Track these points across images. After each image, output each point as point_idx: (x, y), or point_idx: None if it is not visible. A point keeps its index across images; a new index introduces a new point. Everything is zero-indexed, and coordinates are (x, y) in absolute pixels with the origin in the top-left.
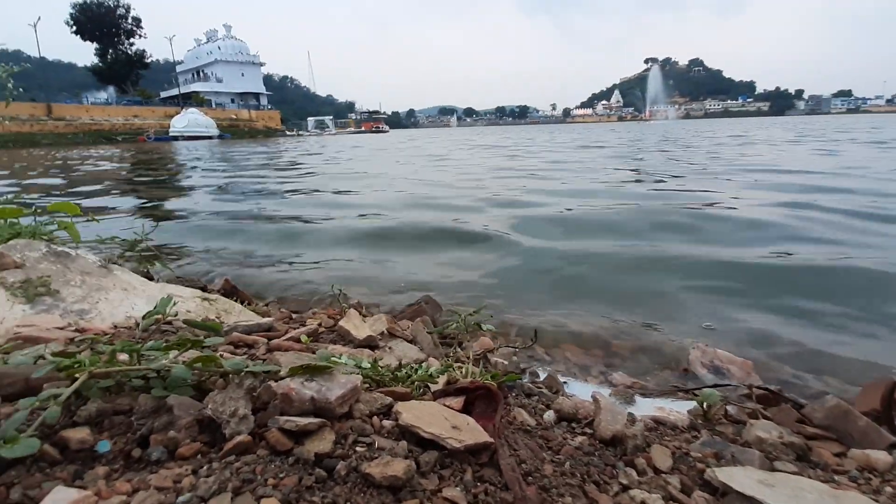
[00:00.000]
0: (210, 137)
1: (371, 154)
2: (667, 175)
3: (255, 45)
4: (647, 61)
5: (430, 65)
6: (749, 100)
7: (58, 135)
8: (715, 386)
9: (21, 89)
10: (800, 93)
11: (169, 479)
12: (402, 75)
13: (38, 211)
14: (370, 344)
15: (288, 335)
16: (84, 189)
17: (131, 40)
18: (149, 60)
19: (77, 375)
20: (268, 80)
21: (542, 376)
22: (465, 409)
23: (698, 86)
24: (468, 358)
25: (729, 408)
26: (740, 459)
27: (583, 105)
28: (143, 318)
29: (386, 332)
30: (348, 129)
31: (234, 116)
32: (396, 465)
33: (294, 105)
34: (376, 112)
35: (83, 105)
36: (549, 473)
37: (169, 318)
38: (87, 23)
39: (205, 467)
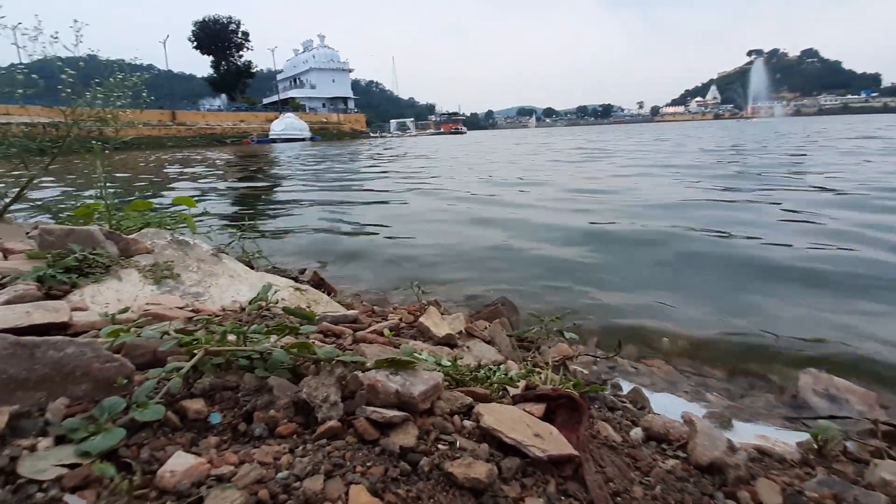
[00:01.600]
0: (303, 139)
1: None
2: None
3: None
4: (749, 53)
5: (508, 65)
6: (874, 94)
7: (180, 138)
8: (831, 417)
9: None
10: None
11: (270, 456)
12: (482, 76)
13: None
14: (449, 342)
15: (371, 328)
16: (200, 185)
17: (240, 52)
18: (254, 70)
19: (195, 352)
20: (355, 84)
21: (626, 389)
22: (546, 417)
23: (811, 79)
24: (546, 364)
25: (848, 444)
26: None
27: (674, 102)
28: (249, 303)
29: (464, 331)
30: (428, 131)
31: (325, 120)
32: (479, 468)
33: (378, 108)
34: (455, 114)
35: (200, 112)
36: (638, 496)
37: (269, 305)
38: (206, 38)
39: (300, 448)
